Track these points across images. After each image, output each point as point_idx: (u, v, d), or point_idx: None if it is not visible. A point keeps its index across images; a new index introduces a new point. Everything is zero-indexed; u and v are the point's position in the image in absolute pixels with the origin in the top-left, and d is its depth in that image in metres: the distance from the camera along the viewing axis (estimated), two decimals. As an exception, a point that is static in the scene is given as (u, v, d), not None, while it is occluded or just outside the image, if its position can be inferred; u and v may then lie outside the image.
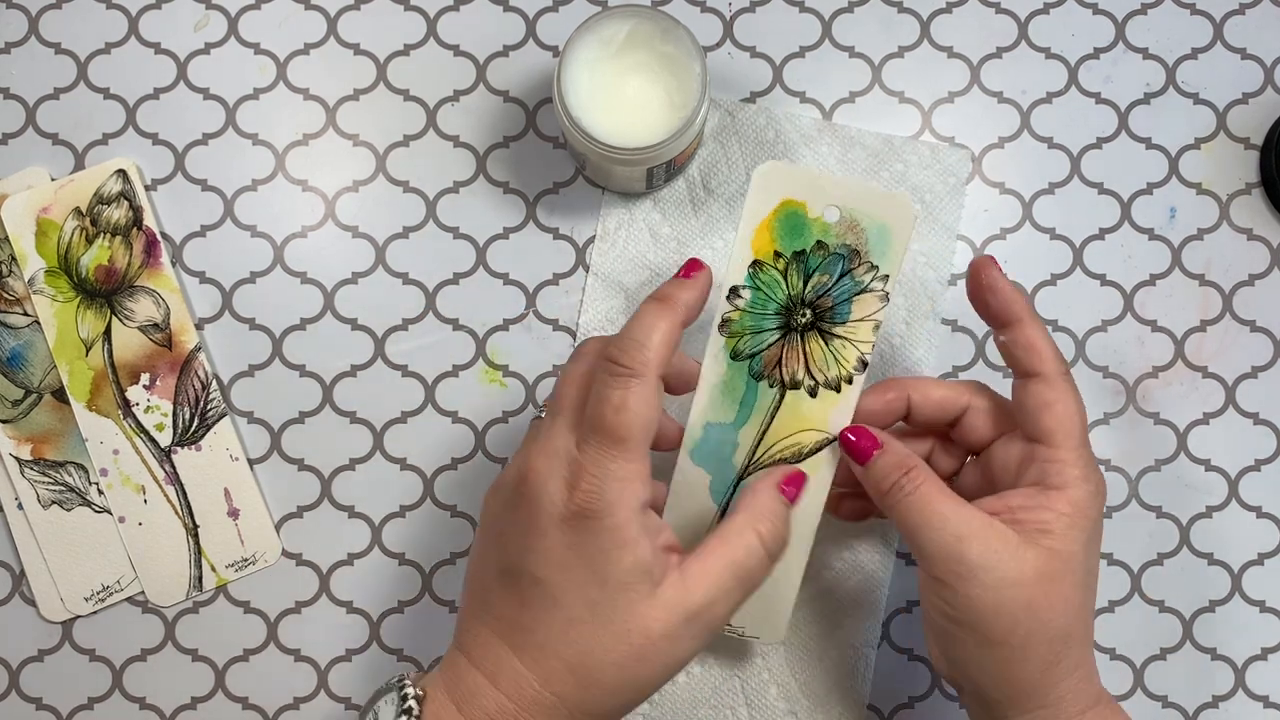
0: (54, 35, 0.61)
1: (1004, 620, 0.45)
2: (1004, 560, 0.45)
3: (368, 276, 0.60)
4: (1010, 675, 0.46)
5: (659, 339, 0.44)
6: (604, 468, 0.43)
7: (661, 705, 0.58)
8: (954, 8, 0.62)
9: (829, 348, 0.50)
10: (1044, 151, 0.61)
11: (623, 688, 0.43)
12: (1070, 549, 0.46)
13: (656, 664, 0.43)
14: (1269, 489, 0.60)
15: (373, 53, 0.61)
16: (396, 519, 0.59)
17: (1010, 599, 0.45)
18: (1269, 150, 0.60)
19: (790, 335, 0.49)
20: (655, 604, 0.42)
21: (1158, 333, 0.60)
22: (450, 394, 0.60)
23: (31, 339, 0.59)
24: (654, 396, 0.44)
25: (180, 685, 0.58)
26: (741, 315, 0.49)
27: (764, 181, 0.48)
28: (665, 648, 0.43)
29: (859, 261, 0.49)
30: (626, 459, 0.43)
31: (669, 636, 0.43)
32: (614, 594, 0.42)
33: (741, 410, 0.50)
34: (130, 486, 0.59)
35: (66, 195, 0.59)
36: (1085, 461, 0.47)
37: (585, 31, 0.54)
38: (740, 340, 0.49)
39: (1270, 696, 0.59)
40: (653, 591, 0.43)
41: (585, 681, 0.43)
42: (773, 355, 0.49)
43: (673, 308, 0.45)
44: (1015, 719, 0.47)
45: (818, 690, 0.58)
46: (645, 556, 0.43)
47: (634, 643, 0.42)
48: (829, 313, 0.49)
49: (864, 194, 0.48)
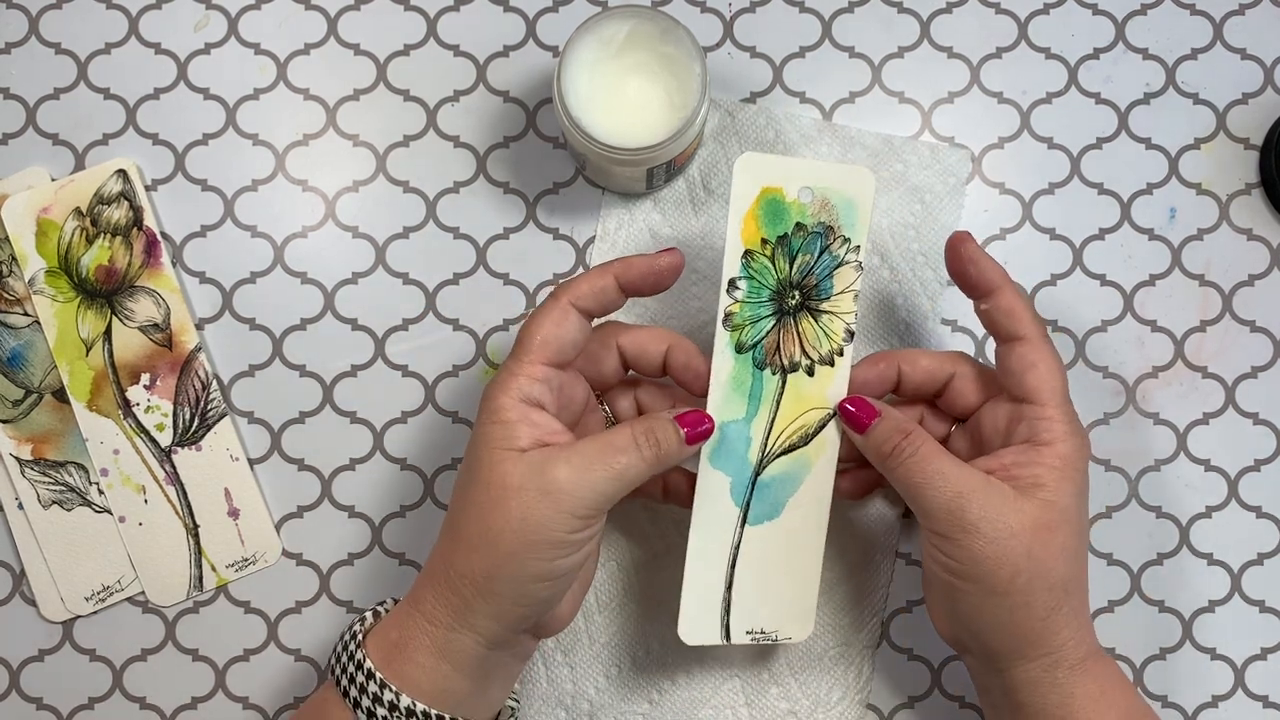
0: (54, 35, 0.61)
1: (1006, 569, 0.48)
2: (1004, 513, 0.48)
3: (368, 276, 0.60)
4: (1014, 623, 0.48)
5: (582, 278, 0.50)
6: (505, 366, 0.49)
7: (661, 705, 0.58)
8: (954, 8, 0.62)
9: (818, 324, 0.52)
10: (1044, 152, 0.61)
11: (480, 539, 0.46)
12: (1064, 500, 0.49)
13: (510, 514, 0.46)
14: (1269, 489, 0.60)
15: (373, 53, 0.61)
16: (396, 519, 0.59)
17: (1011, 549, 0.48)
18: (1269, 150, 0.60)
19: (784, 319, 0.52)
20: (514, 461, 0.47)
21: (1157, 333, 0.60)
22: (450, 394, 0.60)
23: (32, 339, 0.59)
24: (556, 314, 0.49)
25: (180, 685, 0.59)
26: (741, 306, 0.51)
27: (744, 172, 0.51)
28: (517, 500, 0.46)
29: (833, 236, 0.52)
30: (515, 358, 0.49)
31: (522, 489, 0.46)
32: (481, 454, 0.47)
33: (751, 403, 0.52)
34: (130, 486, 0.59)
35: (67, 195, 0.59)
36: (1070, 417, 0.50)
37: (585, 32, 0.54)
38: (743, 332, 0.51)
39: (1270, 696, 0.59)
40: (515, 455, 0.47)
41: (455, 536, 0.48)
42: (771, 342, 0.52)
43: (611, 264, 0.50)
44: (1019, 667, 0.49)
45: (818, 690, 0.58)
46: (518, 431, 0.47)
47: (491, 493, 0.46)
48: (814, 290, 0.52)
49: (829, 172, 0.52)
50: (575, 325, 0.49)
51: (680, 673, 0.58)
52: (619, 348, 0.52)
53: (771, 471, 0.52)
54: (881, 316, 0.60)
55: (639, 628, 0.58)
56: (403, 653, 0.47)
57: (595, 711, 0.58)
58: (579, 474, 0.47)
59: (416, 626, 0.47)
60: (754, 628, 0.53)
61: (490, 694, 0.50)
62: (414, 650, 0.47)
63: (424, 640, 0.47)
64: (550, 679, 0.58)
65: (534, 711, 0.58)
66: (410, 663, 0.47)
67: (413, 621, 0.48)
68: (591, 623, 0.58)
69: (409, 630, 0.48)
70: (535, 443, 0.48)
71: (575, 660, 0.58)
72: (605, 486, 0.47)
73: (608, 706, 0.58)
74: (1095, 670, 0.49)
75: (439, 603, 0.47)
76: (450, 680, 0.48)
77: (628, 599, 0.58)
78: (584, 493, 0.47)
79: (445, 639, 0.47)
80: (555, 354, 0.49)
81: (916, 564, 0.59)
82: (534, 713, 0.58)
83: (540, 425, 0.48)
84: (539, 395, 0.49)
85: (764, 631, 0.53)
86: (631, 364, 0.53)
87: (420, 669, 0.47)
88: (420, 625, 0.47)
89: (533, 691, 0.58)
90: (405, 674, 0.47)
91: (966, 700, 0.59)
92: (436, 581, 0.48)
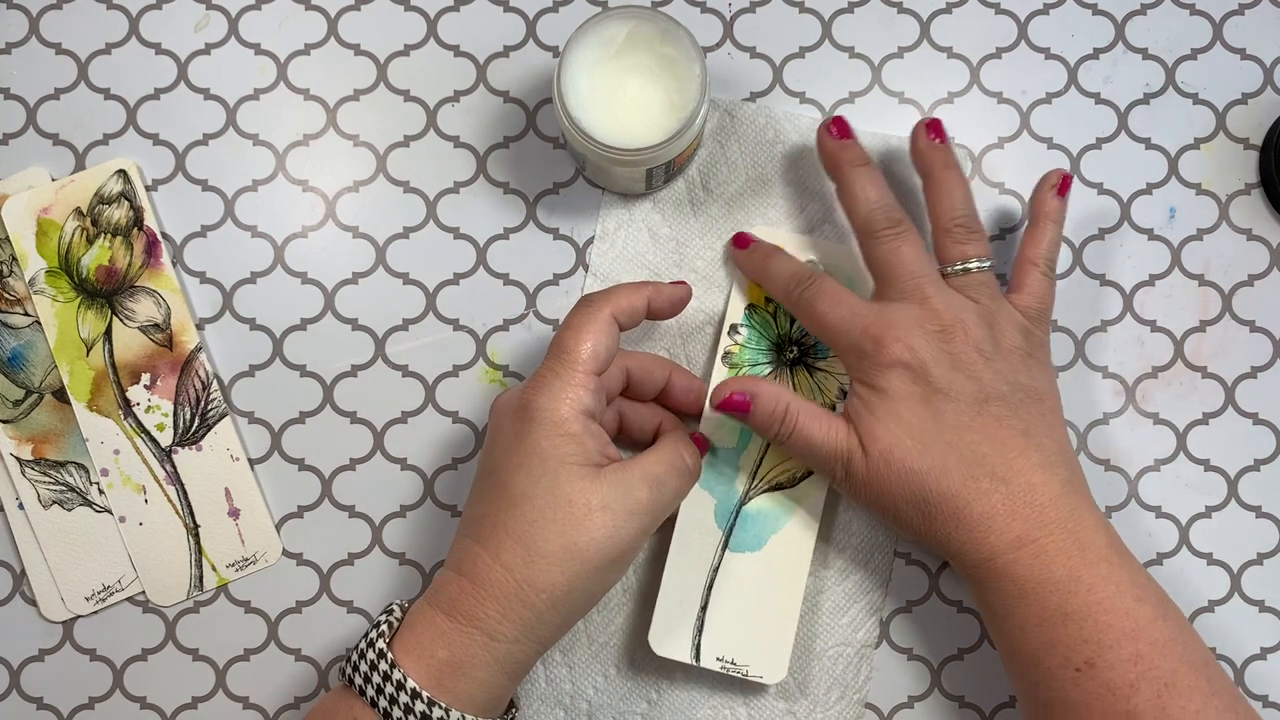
0: (54, 35, 0.61)
1: (892, 481, 0.51)
2: (856, 445, 0.52)
3: (368, 277, 0.60)
4: (941, 515, 0.51)
5: (621, 292, 0.52)
6: (552, 371, 0.49)
7: (660, 705, 0.58)
8: (954, 8, 0.62)
9: (813, 380, 0.58)
10: (1044, 151, 0.61)
11: (563, 555, 0.47)
12: (899, 390, 0.51)
13: (596, 533, 0.47)
14: (1269, 489, 0.60)
15: (373, 53, 0.61)
16: (396, 519, 0.59)
17: (881, 461, 0.51)
18: (1268, 150, 0.60)
19: (780, 369, 0.58)
20: (595, 480, 0.48)
21: (1157, 333, 0.60)
22: (450, 394, 0.60)
23: (32, 339, 0.59)
24: (604, 325, 0.50)
25: (181, 685, 0.59)
26: (740, 349, 0.58)
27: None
28: (602, 519, 0.47)
29: None
30: (568, 368, 0.49)
31: (607, 509, 0.48)
32: (556, 470, 0.48)
33: (742, 437, 0.57)
34: (131, 486, 0.59)
35: (67, 195, 0.59)
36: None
37: (585, 32, 0.54)
38: (740, 371, 0.57)
39: (1270, 696, 0.59)
40: (593, 472, 0.48)
41: (530, 551, 0.47)
42: None
43: (645, 284, 0.53)
44: (976, 556, 0.51)
45: (816, 690, 0.58)
46: (587, 445, 0.49)
47: (575, 511, 0.47)
48: (812, 349, 0.58)
49: (835, 252, 0.58)
50: (615, 338, 0.51)
51: (678, 673, 0.58)
52: (626, 369, 0.55)
53: (757, 504, 0.56)
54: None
55: (638, 628, 0.58)
56: (459, 671, 0.47)
57: (594, 711, 0.58)
58: (656, 494, 0.49)
59: (476, 644, 0.47)
60: (725, 656, 0.55)
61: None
62: (474, 668, 0.47)
63: (484, 657, 0.47)
64: (549, 679, 0.58)
65: (532, 711, 0.58)
66: (467, 680, 0.47)
67: (470, 639, 0.47)
68: (590, 622, 0.58)
69: (467, 649, 0.47)
70: (602, 456, 0.49)
71: (574, 660, 0.58)
72: (671, 505, 0.51)
73: (606, 706, 0.58)
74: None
75: (507, 619, 0.47)
76: (504, 689, 0.49)
77: (627, 599, 0.58)
78: (659, 512, 0.50)
79: (508, 652, 0.48)
80: (602, 365, 0.50)
81: (916, 564, 0.59)
82: (532, 712, 0.58)
83: (599, 438, 0.50)
84: (593, 406, 0.50)
85: (734, 663, 0.55)
86: (634, 386, 0.55)
87: (477, 684, 0.47)
88: (480, 642, 0.47)
89: (531, 691, 0.58)
90: (459, 690, 0.47)
91: (966, 700, 0.59)
92: (505, 598, 0.47)
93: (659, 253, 0.60)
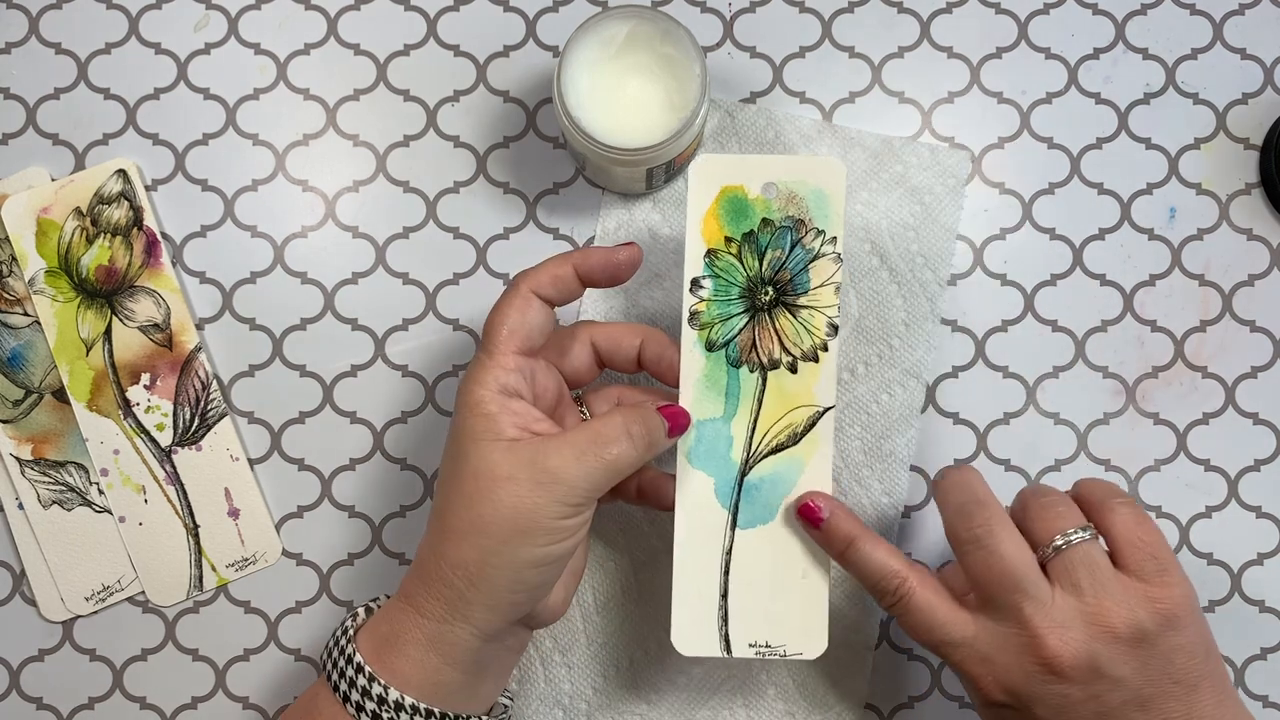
0: (54, 35, 0.61)
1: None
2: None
3: (368, 276, 0.60)
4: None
5: (543, 266, 0.50)
6: (475, 357, 0.50)
7: (659, 706, 0.58)
8: (954, 8, 0.62)
9: (798, 320, 0.51)
10: (1044, 151, 0.61)
11: (469, 528, 0.47)
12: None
13: (500, 504, 0.46)
14: (1268, 489, 0.60)
15: (373, 53, 0.61)
16: (396, 519, 0.59)
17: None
18: (1269, 150, 0.60)
19: (759, 315, 0.51)
20: (503, 451, 0.47)
21: (1157, 333, 0.60)
22: (450, 394, 0.60)
23: (32, 339, 0.59)
24: (519, 302, 0.49)
25: (181, 685, 0.59)
26: (708, 305, 0.51)
27: (700, 173, 0.51)
28: (507, 488, 0.46)
29: (805, 230, 0.51)
30: (486, 351, 0.49)
31: (512, 479, 0.46)
32: (469, 448, 0.47)
33: (729, 402, 0.51)
34: (130, 486, 0.59)
35: (67, 195, 0.59)
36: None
37: (585, 32, 0.54)
38: (712, 330, 0.51)
39: (1270, 696, 0.59)
40: (505, 445, 0.47)
41: (443, 526, 0.47)
42: (746, 339, 0.51)
43: (571, 254, 0.51)
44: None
45: (816, 691, 0.58)
46: (501, 422, 0.48)
47: (480, 484, 0.47)
48: (789, 285, 0.51)
49: (794, 165, 0.51)
50: (539, 312, 0.50)
51: (678, 674, 0.58)
52: (593, 343, 0.53)
53: (760, 472, 0.51)
54: (881, 318, 0.60)
55: (637, 628, 0.58)
56: (393, 647, 0.47)
57: (593, 712, 0.58)
58: (571, 463, 0.47)
59: (408, 620, 0.47)
60: (757, 640, 0.51)
61: (483, 687, 0.50)
62: (405, 644, 0.47)
63: (416, 634, 0.47)
64: (548, 679, 0.58)
65: (531, 711, 0.58)
66: (401, 656, 0.47)
67: (404, 615, 0.48)
68: (590, 623, 0.58)
69: (400, 624, 0.48)
70: (521, 431, 0.48)
71: (573, 660, 0.58)
72: (598, 475, 0.48)
73: (605, 707, 0.58)
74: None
75: (430, 595, 0.47)
76: (441, 673, 0.47)
77: (626, 599, 0.58)
78: (577, 481, 0.47)
79: (438, 631, 0.47)
80: (523, 342, 0.49)
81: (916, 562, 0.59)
82: (531, 713, 0.58)
83: (521, 414, 0.49)
84: (515, 385, 0.49)
85: (769, 645, 0.51)
86: (606, 359, 0.53)
87: (411, 662, 0.47)
88: (411, 619, 0.47)
89: (530, 691, 0.58)
90: (395, 667, 0.47)
91: (966, 700, 0.59)
92: (426, 574, 0.48)
93: (659, 253, 0.60)
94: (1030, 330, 0.60)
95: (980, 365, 0.60)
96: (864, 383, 0.59)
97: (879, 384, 0.59)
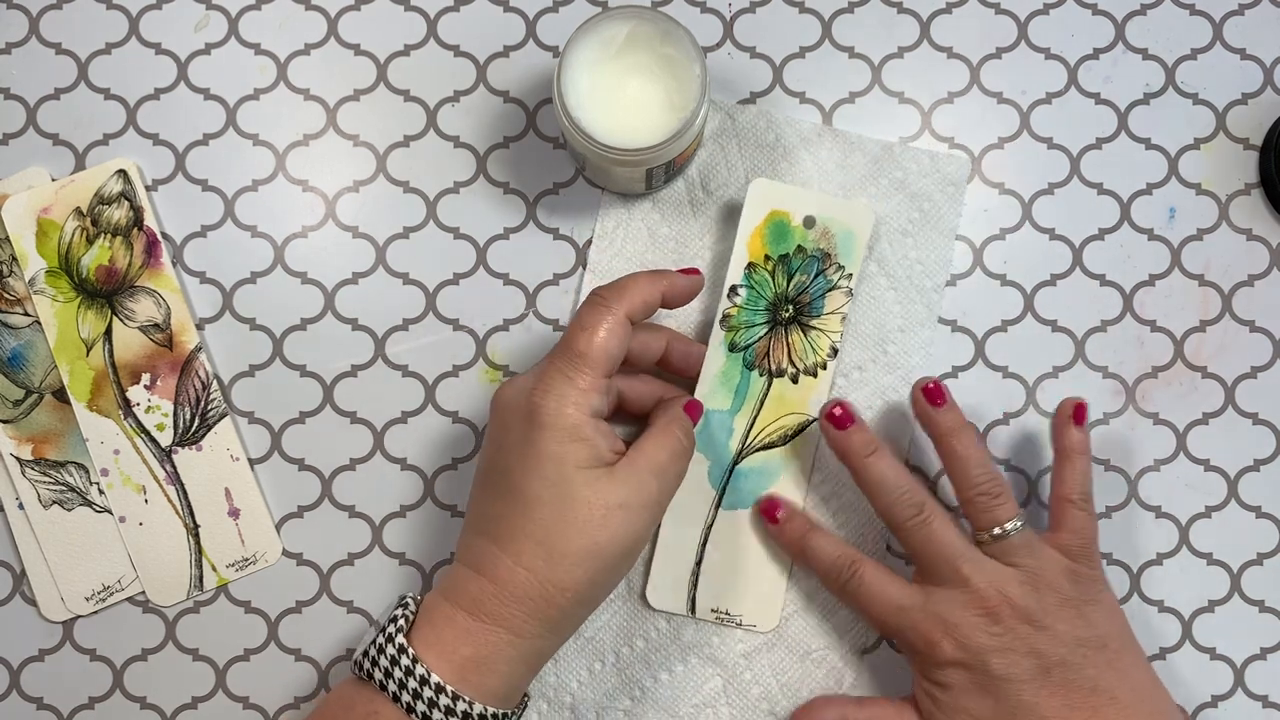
0: (54, 35, 0.61)
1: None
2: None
3: (368, 277, 0.60)
4: None
5: (636, 289, 0.51)
6: (561, 374, 0.49)
7: (643, 702, 0.58)
8: (954, 8, 0.62)
9: (807, 338, 0.58)
10: (1044, 152, 0.61)
11: (585, 555, 0.48)
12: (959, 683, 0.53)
13: (615, 531, 0.48)
14: (1268, 489, 0.60)
15: (373, 53, 0.61)
16: (396, 519, 0.59)
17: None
18: (1268, 150, 0.61)
19: (776, 329, 0.58)
20: (609, 480, 0.49)
21: (1157, 333, 0.61)
22: (450, 394, 0.60)
23: (32, 339, 0.59)
24: (617, 328, 0.50)
25: (181, 685, 0.59)
26: (739, 311, 0.58)
27: (757, 195, 0.58)
28: (620, 517, 0.48)
29: (830, 263, 0.58)
30: (578, 371, 0.49)
31: (623, 507, 0.48)
32: (571, 475, 0.48)
33: (736, 398, 0.58)
34: (131, 486, 0.59)
35: (67, 195, 0.59)
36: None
37: (585, 32, 0.54)
38: (737, 334, 0.58)
39: (1269, 696, 0.59)
40: (606, 472, 0.49)
41: (552, 553, 0.48)
42: (762, 347, 0.58)
43: (659, 277, 0.52)
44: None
45: (799, 691, 0.58)
46: (599, 446, 0.49)
47: (593, 513, 0.48)
48: (807, 307, 0.58)
49: (834, 206, 0.58)
50: (629, 337, 0.51)
51: (662, 670, 0.58)
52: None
53: (749, 463, 0.58)
54: (877, 322, 0.60)
55: (623, 624, 0.58)
56: (483, 667, 0.48)
57: (577, 705, 0.58)
58: (663, 483, 0.50)
59: (500, 641, 0.48)
60: (719, 607, 0.58)
61: None
62: (497, 662, 0.48)
63: (509, 653, 0.48)
64: (547, 677, 0.58)
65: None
66: (491, 674, 0.48)
67: (495, 637, 0.48)
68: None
69: (493, 646, 0.48)
70: (615, 455, 0.50)
71: (558, 654, 0.58)
72: (676, 487, 0.52)
73: (590, 701, 0.58)
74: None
75: (533, 617, 0.48)
76: (525, 680, 0.50)
77: (613, 595, 0.59)
78: (666, 498, 0.51)
79: (534, 648, 0.49)
80: (613, 366, 0.50)
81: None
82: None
83: (609, 436, 0.50)
84: (601, 406, 0.50)
85: (729, 613, 0.58)
86: (633, 359, 0.55)
87: (501, 678, 0.48)
88: (504, 639, 0.48)
89: (529, 690, 0.58)
90: (483, 685, 0.48)
91: (966, 700, 0.59)
92: (530, 599, 0.48)
93: (658, 253, 0.60)
94: (1030, 330, 0.60)
95: (980, 365, 0.60)
96: (859, 388, 0.59)
97: (874, 389, 0.59)
